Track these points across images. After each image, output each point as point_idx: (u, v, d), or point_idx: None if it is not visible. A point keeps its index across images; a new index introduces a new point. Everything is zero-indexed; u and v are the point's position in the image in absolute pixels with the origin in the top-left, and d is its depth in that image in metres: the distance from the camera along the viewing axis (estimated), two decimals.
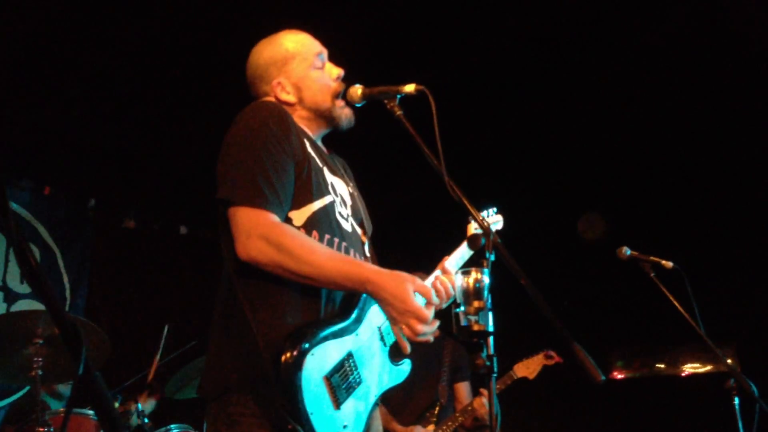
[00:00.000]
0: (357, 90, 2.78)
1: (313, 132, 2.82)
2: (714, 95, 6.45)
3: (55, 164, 6.66)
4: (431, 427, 5.29)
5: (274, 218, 2.42)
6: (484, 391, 5.33)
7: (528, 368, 5.44)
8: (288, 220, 2.49)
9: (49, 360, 4.25)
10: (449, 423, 5.27)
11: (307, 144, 2.64)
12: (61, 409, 4.40)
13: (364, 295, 2.58)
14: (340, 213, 2.66)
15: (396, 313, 2.41)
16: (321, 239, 2.53)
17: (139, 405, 4.65)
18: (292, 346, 2.32)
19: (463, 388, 5.53)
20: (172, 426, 4.71)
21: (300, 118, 2.78)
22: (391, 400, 5.28)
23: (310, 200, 2.54)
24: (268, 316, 2.40)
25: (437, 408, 5.34)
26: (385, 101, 2.66)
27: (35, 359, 4.19)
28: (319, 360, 2.38)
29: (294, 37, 2.88)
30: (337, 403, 2.41)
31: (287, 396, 2.28)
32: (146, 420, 4.65)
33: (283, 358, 2.30)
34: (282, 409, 2.27)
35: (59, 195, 6.87)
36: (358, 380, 2.51)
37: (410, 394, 5.30)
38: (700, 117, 6.70)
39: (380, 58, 5.49)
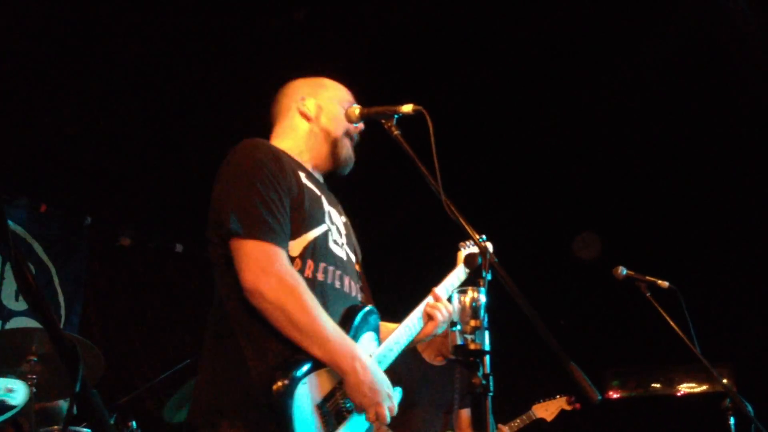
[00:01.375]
0: (355, 110, 2.82)
1: (315, 161, 2.86)
2: (708, 115, 6.49)
3: (51, 182, 6.66)
4: None
5: (286, 258, 2.44)
6: (503, 428, 5.36)
7: (547, 410, 5.62)
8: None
9: (43, 377, 4.24)
10: None
11: (302, 176, 2.67)
12: (56, 428, 4.37)
13: (356, 323, 2.60)
14: (335, 241, 2.68)
15: (366, 402, 2.44)
16: (316, 267, 2.55)
17: (134, 423, 4.63)
18: (283, 375, 2.33)
19: (466, 414, 5.51)
20: None
21: (310, 134, 2.85)
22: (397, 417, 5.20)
23: (306, 230, 2.56)
24: (261, 345, 2.40)
25: None
26: (383, 121, 2.69)
27: (29, 376, 4.18)
28: (311, 389, 2.39)
29: (331, 80, 2.99)
30: (328, 431, 2.41)
31: (279, 425, 2.28)
32: None
33: (274, 387, 2.30)
34: None
35: (55, 212, 6.86)
36: (350, 408, 2.50)
37: (413, 407, 5.24)
38: (696, 137, 6.73)
39: (378, 78, 5.51)
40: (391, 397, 2.52)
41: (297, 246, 2.53)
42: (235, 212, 2.46)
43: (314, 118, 2.86)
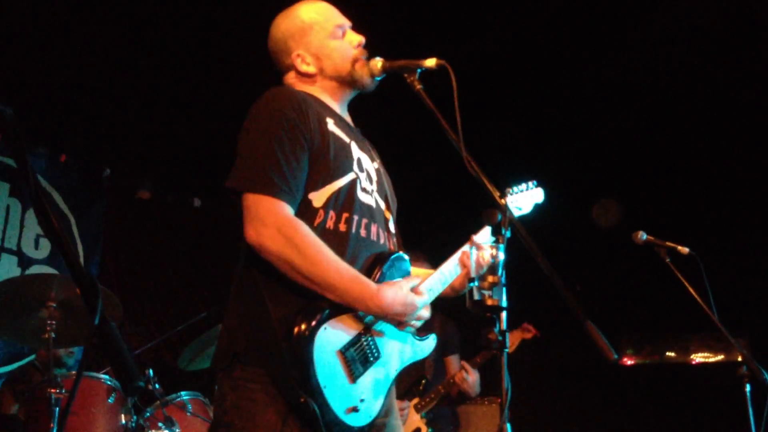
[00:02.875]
0: (377, 63, 2.76)
1: (338, 100, 2.81)
2: (732, 79, 6.40)
3: (71, 132, 6.69)
4: (416, 400, 5.34)
5: (290, 211, 2.43)
6: (466, 364, 5.41)
7: (511, 340, 5.50)
8: (308, 202, 2.49)
9: (62, 323, 4.29)
10: (432, 395, 5.36)
11: (330, 122, 2.63)
12: (73, 372, 4.43)
13: (384, 269, 2.59)
14: (364, 189, 2.65)
15: (397, 323, 2.53)
16: (338, 218, 2.53)
17: (151, 371, 4.68)
18: (304, 320, 2.34)
19: (453, 361, 5.58)
20: (183, 393, 4.74)
21: (323, 89, 2.79)
22: None
23: (331, 180, 2.54)
24: (283, 292, 2.41)
25: (422, 383, 5.40)
26: (405, 75, 2.64)
27: (48, 322, 4.23)
28: (333, 334, 2.39)
29: (310, 7, 2.87)
30: (353, 377, 2.41)
31: (299, 369, 2.29)
32: (157, 386, 4.68)
33: (295, 331, 2.31)
34: (294, 382, 2.28)
35: (75, 163, 6.90)
36: (376, 354, 2.50)
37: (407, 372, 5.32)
38: (719, 102, 6.64)
39: (402, 32, 5.46)
40: (415, 311, 2.52)
41: (321, 196, 2.52)
42: (243, 165, 2.48)
43: (317, 71, 2.78)
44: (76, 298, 4.10)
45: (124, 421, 4.38)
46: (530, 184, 3.42)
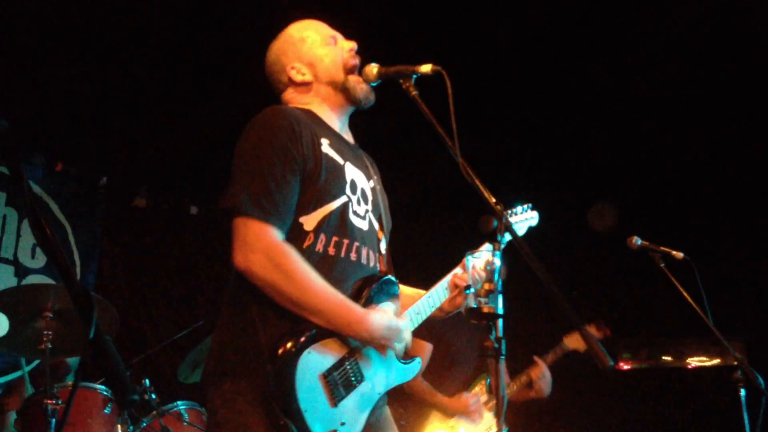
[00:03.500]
0: (373, 69, 2.76)
1: (336, 112, 2.82)
2: (725, 84, 6.41)
3: (68, 141, 6.68)
4: (483, 399, 4.97)
5: (278, 236, 2.44)
6: (539, 360, 5.28)
7: (578, 340, 5.21)
8: (299, 225, 2.50)
9: (59, 333, 4.28)
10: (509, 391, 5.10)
11: (325, 143, 2.63)
12: (69, 383, 4.42)
13: (371, 293, 2.60)
14: (355, 212, 2.65)
15: (380, 348, 2.57)
16: (328, 242, 2.54)
17: (147, 381, 4.67)
18: (288, 342, 2.36)
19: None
20: (179, 402, 4.73)
21: (321, 98, 2.80)
22: (432, 373, 5.18)
23: (322, 204, 2.55)
24: (273, 313, 2.43)
25: (486, 380, 5.27)
26: (401, 81, 2.64)
27: (45, 332, 4.23)
28: (317, 358, 2.41)
29: (299, 25, 2.90)
30: (334, 401, 2.43)
31: (281, 392, 2.32)
32: (153, 396, 4.67)
33: (279, 353, 2.34)
34: (275, 405, 2.31)
35: (71, 171, 6.90)
36: (359, 378, 2.52)
37: (453, 364, 5.22)
38: (713, 106, 6.66)
39: (397, 38, 5.47)
40: (401, 341, 2.58)
41: (312, 220, 2.53)
42: (235, 190, 2.48)
43: (313, 79, 2.80)
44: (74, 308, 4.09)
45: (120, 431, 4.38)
46: (525, 206, 3.44)
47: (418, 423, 4.94)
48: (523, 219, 3.43)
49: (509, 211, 3.34)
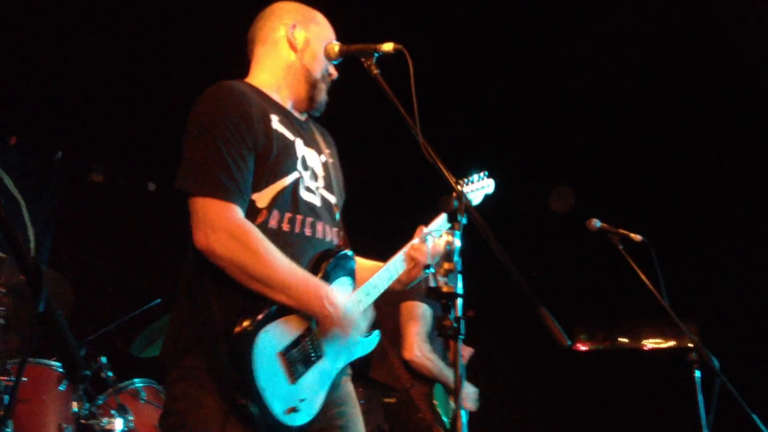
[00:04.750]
0: (334, 46, 2.78)
1: (291, 98, 2.80)
2: (682, 64, 6.48)
3: (21, 114, 6.55)
4: None
5: (240, 213, 2.42)
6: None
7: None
8: (251, 203, 2.49)
9: (12, 309, 4.22)
10: None
11: (274, 120, 2.62)
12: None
13: (328, 268, 2.59)
14: (308, 188, 2.65)
15: (341, 332, 2.55)
16: (282, 218, 2.54)
17: (104, 359, 4.62)
18: (245, 321, 2.35)
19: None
20: (136, 380, 4.70)
21: (291, 68, 2.78)
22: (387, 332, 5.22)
23: (274, 180, 2.54)
24: (229, 291, 2.41)
25: None
26: (363, 59, 2.64)
27: None
28: (274, 336, 2.39)
29: (314, 11, 2.90)
30: (294, 378, 2.42)
31: (239, 371, 2.30)
32: (110, 374, 4.63)
33: (235, 331, 2.32)
34: (233, 384, 2.30)
35: (26, 145, 6.75)
36: (318, 354, 2.51)
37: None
38: (672, 89, 6.73)
39: (360, 16, 5.43)
40: (353, 333, 2.57)
41: (264, 197, 2.51)
42: (188, 169, 2.45)
43: (299, 50, 2.78)
44: None
45: (76, 409, 4.33)
46: (481, 174, 3.44)
47: (417, 398, 5.00)
48: (480, 187, 3.43)
49: (465, 180, 3.34)
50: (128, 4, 5.55)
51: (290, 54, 2.78)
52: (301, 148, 2.68)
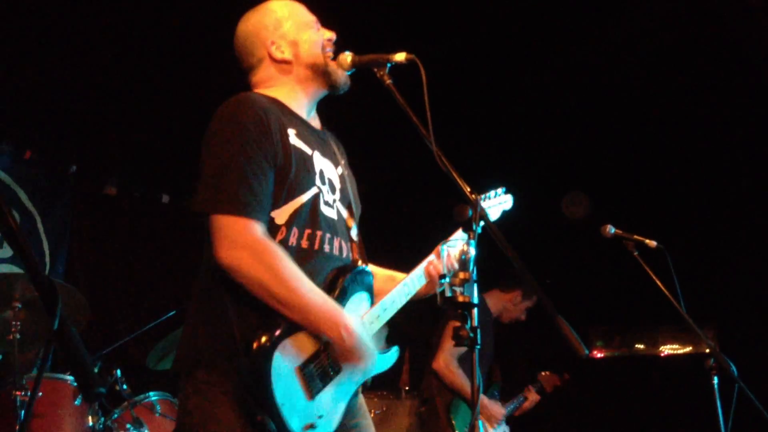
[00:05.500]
0: (347, 57, 2.74)
1: (308, 98, 2.77)
2: (695, 73, 6.45)
3: (36, 128, 6.58)
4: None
5: (263, 231, 2.40)
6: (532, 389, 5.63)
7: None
8: (270, 220, 2.46)
9: (27, 324, 4.22)
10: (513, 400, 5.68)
11: (292, 134, 2.58)
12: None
13: (345, 284, 2.57)
14: (326, 202, 2.62)
15: (352, 362, 2.49)
16: (301, 234, 2.51)
17: (119, 372, 4.62)
18: (262, 337, 2.32)
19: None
20: (151, 393, 4.69)
21: (296, 80, 2.74)
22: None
23: (293, 196, 2.51)
24: (248, 306, 2.39)
25: (497, 387, 5.64)
26: (375, 69, 2.63)
27: (13, 323, 4.17)
28: (292, 351, 2.37)
29: (281, 3, 2.83)
30: (311, 394, 2.40)
31: (257, 386, 2.28)
32: (125, 386, 4.63)
33: (254, 346, 2.30)
34: (251, 400, 2.28)
35: (40, 159, 6.78)
36: (336, 370, 2.48)
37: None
38: (685, 94, 6.69)
39: (372, 26, 5.43)
40: (369, 367, 2.53)
41: (283, 213, 2.49)
42: (211, 185, 2.42)
43: (294, 58, 2.73)
44: None
45: (91, 423, 4.33)
46: (499, 191, 3.43)
47: (440, 407, 5.12)
48: (497, 203, 3.41)
49: (483, 196, 3.31)
50: (142, 18, 5.56)
51: (287, 69, 2.74)
52: (318, 160, 2.65)
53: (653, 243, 4.10)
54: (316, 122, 2.83)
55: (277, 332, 2.35)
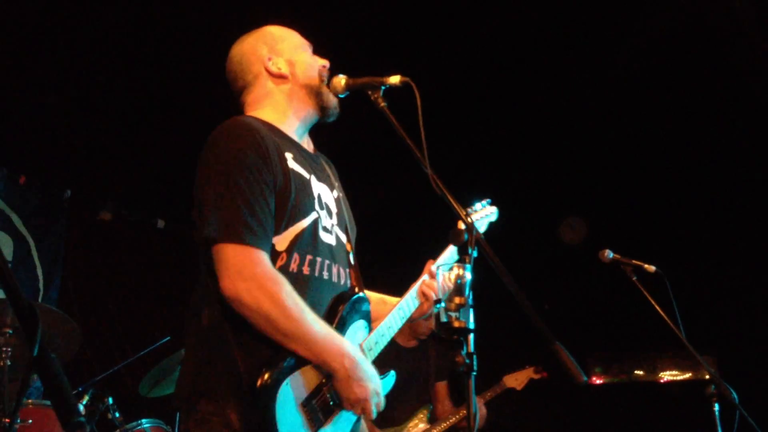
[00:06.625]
0: (341, 80, 2.72)
1: (300, 120, 2.75)
2: (695, 99, 6.46)
3: (31, 153, 6.56)
4: (422, 427, 5.38)
5: (267, 261, 2.36)
6: (478, 399, 5.48)
7: (516, 380, 5.77)
8: (271, 246, 2.43)
9: (19, 350, 4.17)
10: (443, 423, 5.40)
11: (289, 157, 2.56)
12: (29, 401, 4.29)
13: (344, 313, 2.55)
14: (324, 227, 2.60)
15: (354, 398, 2.44)
16: (302, 261, 2.48)
17: (110, 399, 4.56)
18: (268, 372, 2.30)
19: (443, 388, 5.63)
20: (144, 420, 4.63)
21: (291, 97, 2.72)
22: None
23: (293, 222, 2.48)
24: (252, 339, 2.36)
25: (428, 409, 5.48)
26: (369, 92, 2.60)
27: (4, 349, 4.13)
28: (296, 387, 2.36)
29: (276, 27, 2.85)
30: (315, 428, 2.38)
31: (263, 423, 2.26)
32: (117, 414, 4.56)
33: (259, 383, 2.27)
34: None
35: (34, 184, 6.75)
36: (338, 401, 2.46)
37: (397, 396, 5.33)
38: (683, 121, 6.70)
39: (365, 49, 5.44)
40: (378, 394, 2.50)
41: (284, 240, 2.45)
42: (213, 214, 2.37)
43: (290, 75, 2.73)
44: None
45: None
46: (483, 202, 3.41)
47: None
48: (484, 215, 3.40)
49: (468, 210, 3.30)
50: (137, 42, 5.57)
51: (283, 85, 2.73)
52: (315, 185, 2.63)
53: (652, 268, 4.07)
54: (308, 146, 2.81)
55: (281, 369, 2.33)
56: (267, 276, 2.33)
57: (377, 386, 2.50)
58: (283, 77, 2.72)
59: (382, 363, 4.65)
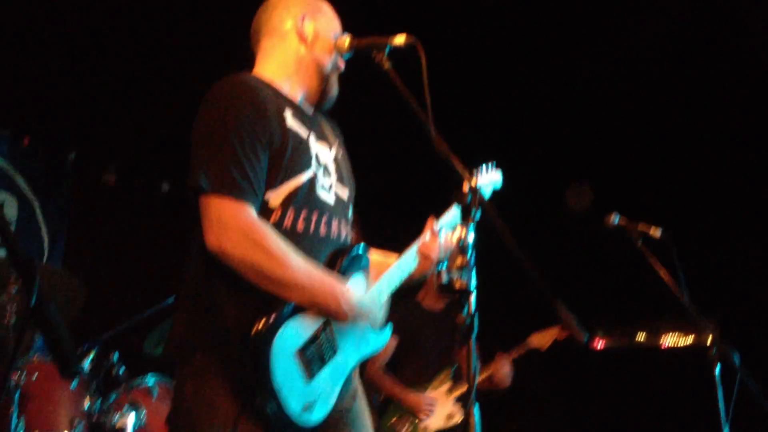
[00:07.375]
0: (345, 40, 2.72)
1: (303, 88, 2.73)
2: (703, 62, 6.42)
3: (35, 115, 6.55)
4: (447, 385, 5.43)
5: (254, 213, 2.37)
6: (501, 355, 5.52)
7: (542, 339, 5.59)
8: (264, 202, 2.43)
9: (23, 307, 4.20)
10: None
11: (288, 115, 2.56)
12: (35, 357, 4.33)
13: (342, 268, 2.55)
14: (322, 185, 2.59)
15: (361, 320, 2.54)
16: (297, 216, 2.48)
17: (116, 355, 4.62)
18: (260, 323, 2.30)
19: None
20: (149, 376, 4.69)
21: (301, 62, 2.71)
22: (400, 365, 5.51)
23: (289, 178, 2.48)
24: (242, 292, 2.36)
25: (452, 369, 5.51)
26: (374, 53, 2.59)
27: (9, 306, 4.14)
28: (291, 335, 2.36)
29: (329, 7, 2.84)
30: (310, 376, 2.40)
31: (256, 372, 2.27)
32: (122, 370, 4.62)
33: (252, 332, 2.28)
34: (249, 384, 2.27)
35: (38, 146, 6.76)
36: (334, 350, 2.48)
37: (417, 357, 5.46)
38: (690, 82, 6.65)
39: (371, 9, 5.40)
40: (378, 320, 2.60)
41: (278, 195, 2.46)
42: (203, 167, 2.37)
43: (310, 43, 2.71)
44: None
45: (87, 406, 4.32)
46: (489, 165, 3.39)
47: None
48: (488, 180, 3.37)
49: (474, 171, 3.28)
50: (140, 5, 5.54)
51: (300, 47, 2.71)
52: (314, 144, 2.63)
53: (657, 231, 4.05)
54: (308, 108, 2.79)
55: (276, 317, 2.32)
56: (251, 226, 2.33)
57: (376, 317, 2.60)
58: (304, 41, 2.71)
59: (404, 326, 4.72)
